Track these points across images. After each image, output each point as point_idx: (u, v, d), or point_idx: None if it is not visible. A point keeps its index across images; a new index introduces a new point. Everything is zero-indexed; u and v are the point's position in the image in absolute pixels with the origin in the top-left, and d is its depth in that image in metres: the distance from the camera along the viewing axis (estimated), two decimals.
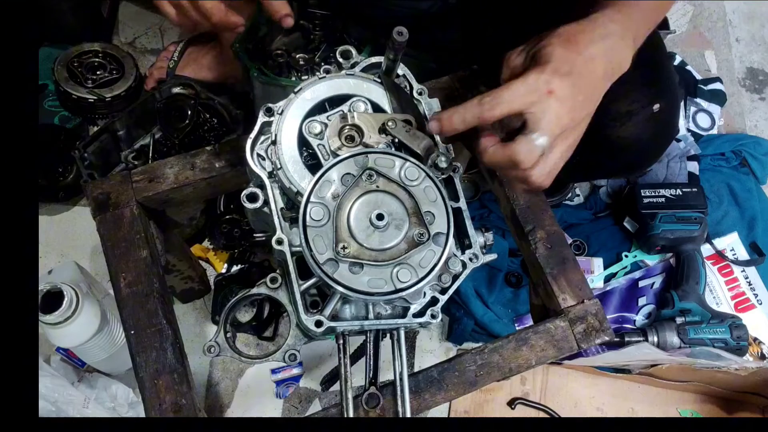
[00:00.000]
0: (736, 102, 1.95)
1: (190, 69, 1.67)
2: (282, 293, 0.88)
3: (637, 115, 1.20)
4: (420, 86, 0.95)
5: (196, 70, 1.67)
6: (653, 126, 1.23)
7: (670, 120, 1.28)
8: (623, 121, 1.19)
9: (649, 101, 1.20)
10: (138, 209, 1.03)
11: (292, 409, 1.47)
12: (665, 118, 1.25)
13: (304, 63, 1.55)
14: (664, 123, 1.26)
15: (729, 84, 1.95)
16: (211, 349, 0.87)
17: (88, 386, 1.35)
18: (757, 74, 2.02)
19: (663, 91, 1.25)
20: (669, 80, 1.29)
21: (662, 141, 1.33)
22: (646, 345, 1.44)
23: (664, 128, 1.28)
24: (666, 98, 1.24)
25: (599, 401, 1.52)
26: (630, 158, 1.30)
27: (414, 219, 0.82)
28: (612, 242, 1.65)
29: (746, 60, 2.04)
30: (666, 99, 1.23)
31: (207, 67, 1.67)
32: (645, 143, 1.27)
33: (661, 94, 1.23)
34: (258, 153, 0.88)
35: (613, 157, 1.27)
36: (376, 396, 0.87)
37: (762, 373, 1.33)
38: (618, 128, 1.20)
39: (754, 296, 1.60)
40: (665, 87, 1.26)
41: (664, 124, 1.27)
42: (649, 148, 1.31)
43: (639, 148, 1.27)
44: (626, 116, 1.19)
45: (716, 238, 1.65)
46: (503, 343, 0.99)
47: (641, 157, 1.34)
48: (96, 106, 1.59)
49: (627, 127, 1.20)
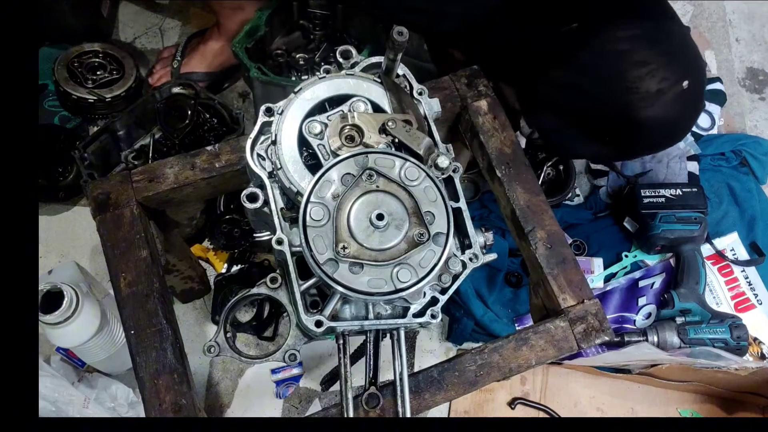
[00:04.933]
0: (736, 102, 1.95)
1: (194, 61, 1.68)
2: (282, 293, 0.88)
3: (667, 93, 1.18)
4: (420, 86, 0.95)
5: (201, 60, 1.68)
6: (681, 103, 1.21)
7: (697, 96, 1.26)
8: (652, 101, 1.17)
9: (679, 78, 1.18)
10: (138, 209, 1.03)
11: (292, 409, 1.47)
12: (693, 95, 1.23)
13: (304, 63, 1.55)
14: (692, 99, 1.25)
15: (729, 84, 1.95)
16: (211, 349, 0.87)
17: (88, 386, 1.35)
18: (757, 74, 2.02)
19: (691, 67, 1.23)
20: (695, 56, 1.27)
21: (690, 117, 1.32)
22: (646, 345, 1.44)
23: (692, 105, 1.27)
24: (694, 75, 1.22)
25: (599, 401, 1.52)
26: (659, 136, 1.29)
27: (414, 219, 0.82)
28: (612, 242, 1.65)
29: (746, 60, 2.04)
30: (694, 75, 1.22)
31: (211, 54, 1.68)
32: (674, 120, 1.25)
33: (690, 71, 1.21)
34: (258, 153, 0.88)
35: (644, 136, 1.25)
36: (376, 396, 0.87)
37: (762, 373, 1.33)
38: (647, 108, 1.18)
39: (754, 296, 1.60)
40: (693, 63, 1.25)
41: (692, 100, 1.25)
42: (678, 125, 1.30)
43: (669, 125, 1.25)
44: (656, 96, 1.17)
45: (716, 238, 1.65)
46: (503, 343, 0.99)
47: (670, 134, 1.32)
48: (96, 106, 1.59)
49: (656, 107, 1.18)
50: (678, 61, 1.20)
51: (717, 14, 2.09)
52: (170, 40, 1.85)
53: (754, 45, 2.06)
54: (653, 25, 1.21)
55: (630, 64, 1.17)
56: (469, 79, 1.17)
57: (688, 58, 1.24)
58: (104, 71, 1.62)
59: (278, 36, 1.59)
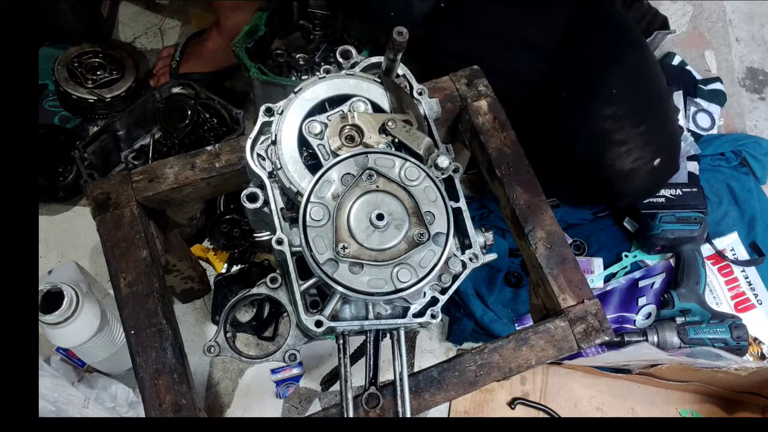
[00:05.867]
0: (736, 102, 1.95)
1: (193, 61, 1.68)
2: (282, 293, 0.88)
3: (639, 171, 1.31)
4: (420, 86, 0.95)
5: (199, 60, 1.68)
6: (653, 178, 1.36)
7: (670, 168, 1.40)
8: (627, 178, 1.31)
9: (652, 157, 1.30)
10: (138, 209, 1.03)
11: (292, 409, 1.47)
12: (665, 168, 1.37)
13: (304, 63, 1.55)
14: (664, 174, 1.39)
15: (729, 84, 1.95)
16: (211, 349, 0.87)
17: (88, 386, 1.35)
18: (757, 74, 2.02)
19: (664, 145, 1.35)
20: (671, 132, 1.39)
21: (660, 186, 1.49)
22: (646, 345, 1.44)
23: (664, 176, 1.42)
24: (666, 152, 1.35)
25: (599, 401, 1.52)
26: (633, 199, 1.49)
27: (414, 219, 0.82)
28: (612, 242, 1.65)
29: (746, 60, 2.04)
30: (666, 152, 1.34)
31: (210, 54, 1.68)
32: (646, 191, 1.44)
33: (662, 149, 1.33)
34: (258, 153, 0.88)
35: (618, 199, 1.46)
36: (376, 396, 0.87)
37: (762, 373, 1.33)
38: (621, 185, 1.33)
39: (754, 296, 1.60)
40: (666, 141, 1.36)
41: (664, 174, 1.40)
42: (649, 192, 1.49)
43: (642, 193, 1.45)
44: (629, 174, 1.30)
45: (716, 238, 1.65)
46: (503, 343, 0.99)
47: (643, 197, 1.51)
48: (96, 107, 1.59)
49: (629, 182, 1.33)
50: (654, 140, 1.32)
51: (717, 14, 2.09)
52: (170, 40, 1.85)
53: (754, 45, 2.06)
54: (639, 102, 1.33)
55: (610, 143, 1.29)
56: (469, 79, 1.17)
57: (663, 138, 1.36)
58: (104, 71, 1.62)
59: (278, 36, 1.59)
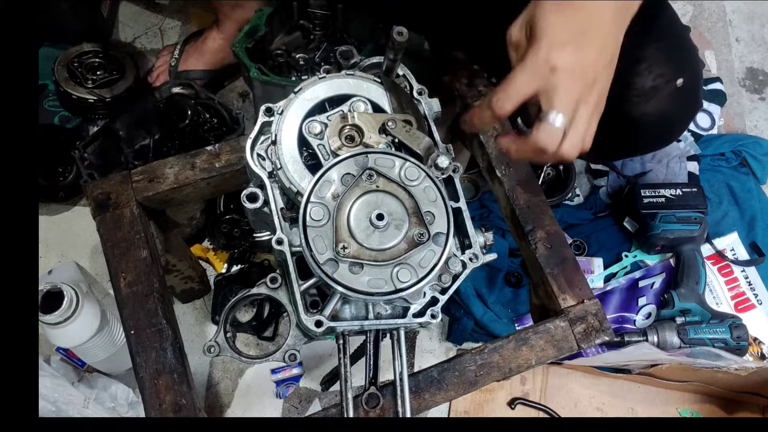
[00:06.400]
0: (736, 102, 1.95)
1: (192, 59, 1.68)
2: (282, 293, 0.88)
3: (662, 90, 1.18)
4: (420, 86, 0.95)
5: (199, 59, 1.68)
6: (678, 100, 1.21)
7: (694, 93, 1.27)
8: (648, 97, 1.17)
9: (673, 76, 1.18)
10: (138, 209, 1.03)
11: (292, 409, 1.47)
12: (689, 92, 1.23)
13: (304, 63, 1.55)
14: (689, 97, 1.25)
15: (729, 84, 1.95)
16: (211, 349, 0.87)
17: (88, 386, 1.35)
18: (757, 74, 2.02)
19: (685, 64, 1.24)
20: (690, 53, 1.28)
21: (687, 115, 1.32)
22: (646, 345, 1.44)
23: (688, 102, 1.27)
24: (689, 72, 1.22)
25: (599, 401, 1.52)
26: (656, 133, 1.29)
27: (414, 219, 0.82)
28: (612, 242, 1.65)
29: (746, 60, 2.04)
30: (689, 73, 1.22)
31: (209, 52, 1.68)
32: (670, 118, 1.25)
33: (684, 68, 1.22)
34: (258, 153, 0.88)
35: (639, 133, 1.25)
36: (376, 396, 0.87)
37: (762, 373, 1.33)
38: (643, 105, 1.18)
39: (754, 296, 1.60)
40: (687, 60, 1.25)
41: (689, 97, 1.25)
42: (675, 122, 1.30)
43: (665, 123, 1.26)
44: (651, 92, 1.17)
45: (716, 238, 1.65)
46: (503, 343, 0.99)
47: (667, 132, 1.32)
48: (96, 107, 1.59)
49: (652, 103, 1.18)
50: (674, 58, 1.20)
51: (717, 14, 2.09)
52: (170, 40, 1.85)
53: (754, 45, 2.06)
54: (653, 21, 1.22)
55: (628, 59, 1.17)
56: (469, 79, 1.17)
57: (683, 56, 1.24)
58: (104, 71, 1.62)
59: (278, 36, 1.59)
